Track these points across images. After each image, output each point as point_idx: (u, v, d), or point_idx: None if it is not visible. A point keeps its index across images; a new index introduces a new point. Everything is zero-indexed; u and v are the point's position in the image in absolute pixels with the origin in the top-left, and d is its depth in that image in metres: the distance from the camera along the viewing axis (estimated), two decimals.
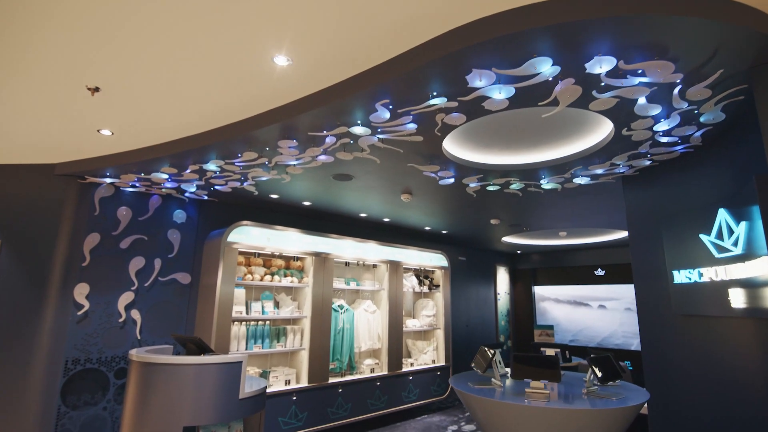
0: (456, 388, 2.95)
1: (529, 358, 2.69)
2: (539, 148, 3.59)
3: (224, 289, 4.51)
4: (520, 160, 3.72)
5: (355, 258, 5.84)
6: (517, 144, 3.56)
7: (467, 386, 2.95)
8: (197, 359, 2.77)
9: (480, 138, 3.44)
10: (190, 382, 2.71)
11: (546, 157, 3.63)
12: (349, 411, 5.37)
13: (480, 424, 2.89)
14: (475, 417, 2.91)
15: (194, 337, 2.99)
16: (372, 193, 4.65)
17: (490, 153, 3.69)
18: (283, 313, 5.12)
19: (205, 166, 3.68)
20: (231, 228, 4.64)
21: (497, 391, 2.82)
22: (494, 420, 2.60)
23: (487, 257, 9.19)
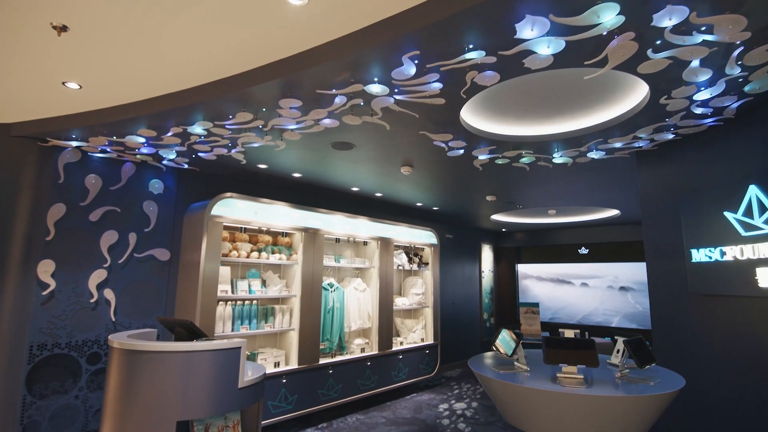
0: (479, 374, 2.76)
1: (563, 342, 2.52)
2: (558, 118, 3.36)
3: (208, 266, 4.13)
4: (537, 131, 3.48)
5: (345, 234, 5.55)
6: (535, 114, 3.32)
7: (491, 370, 2.76)
8: (190, 346, 2.44)
9: (496, 107, 3.18)
10: (183, 372, 2.39)
11: (564, 129, 3.41)
12: (340, 392, 5.18)
13: (504, 411, 2.73)
14: (499, 403, 2.73)
15: (184, 320, 2.65)
16: (370, 165, 4.33)
17: (505, 123, 3.43)
18: (270, 292, 4.80)
19: (189, 128, 3.25)
20: (215, 200, 4.24)
21: (524, 376, 2.65)
22: (524, 407, 2.42)
23: (472, 235, 9.08)
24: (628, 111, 3.02)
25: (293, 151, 3.88)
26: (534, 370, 2.80)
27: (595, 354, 2.40)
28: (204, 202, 4.32)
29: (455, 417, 5.26)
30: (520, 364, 2.83)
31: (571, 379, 2.46)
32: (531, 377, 2.63)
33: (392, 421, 5.09)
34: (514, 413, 2.57)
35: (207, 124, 3.15)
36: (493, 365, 2.98)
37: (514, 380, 2.53)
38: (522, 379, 2.55)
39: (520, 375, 2.69)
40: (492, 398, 2.82)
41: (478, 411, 5.51)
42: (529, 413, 2.41)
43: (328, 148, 3.80)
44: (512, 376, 2.66)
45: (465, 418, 5.25)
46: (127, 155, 3.97)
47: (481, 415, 5.34)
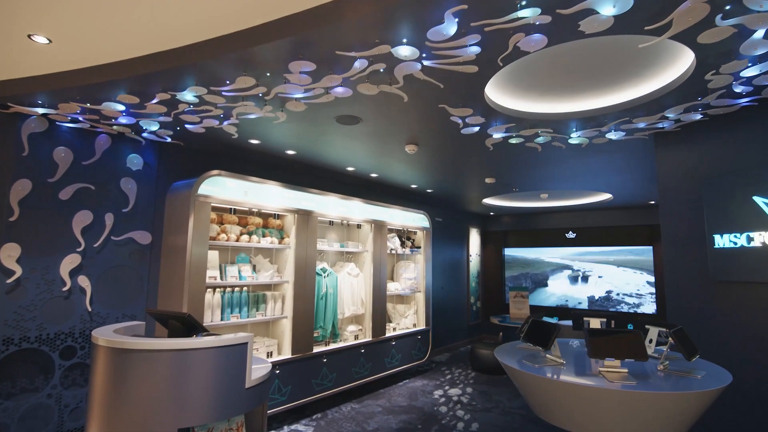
0: (511, 367, 2.57)
1: (608, 333, 2.35)
2: (583, 95, 3.15)
3: (196, 250, 3.77)
4: (559, 108, 3.27)
5: (339, 217, 5.25)
6: (558, 91, 3.10)
7: (523, 364, 2.58)
8: (191, 342, 2.13)
9: (518, 82, 2.94)
10: (183, 373, 2.09)
11: (589, 106, 3.21)
12: (334, 381, 4.97)
13: (535, 405, 2.56)
14: (530, 397, 2.55)
15: (181, 313, 2.34)
16: (373, 142, 4.03)
17: (526, 100, 3.20)
18: (262, 278, 4.48)
19: (178, 95, 2.86)
20: (203, 178, 3.85)
21: (560, 370, 2.48)
22: (563, 403, 2.25)
23: (461, 219, 8.94)
24: (662, 87, 2.84)
25: (291, 124, 3.53)
26: (568, 363, 2.63)
27: (644, 347, 2.26)
28: (190, 180, 3.92)
29: (452, 404, 5.15)
30: (553, 357, 2.66)
31: (615, 373, 2.31)
32: (568, 371, 2.46)
33: (389, 409, 4.93)
34: (548, 408, 2.40)
35: (199, 90, 2.77)
36: (524, 357, 2.79)
37: (553, 375, 2.35)
38: (560, 373, 2.38)
39: (556, 368, 2.52)
40: (522, 392, 2.66)
41: (474, 397, 5.42)
42: (569, 409, 2.25)
43: (332, 123, 3.47)
44: (548, 370, 2.48)
45: (462, 404, 5.14)
46: (102, 126, 3.52)
47: (478, 401, 5.25)
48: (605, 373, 2.31)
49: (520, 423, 4.59)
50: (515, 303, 7.61)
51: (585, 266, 8.48)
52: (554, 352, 2.61)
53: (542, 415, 2.55)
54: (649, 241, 7.80)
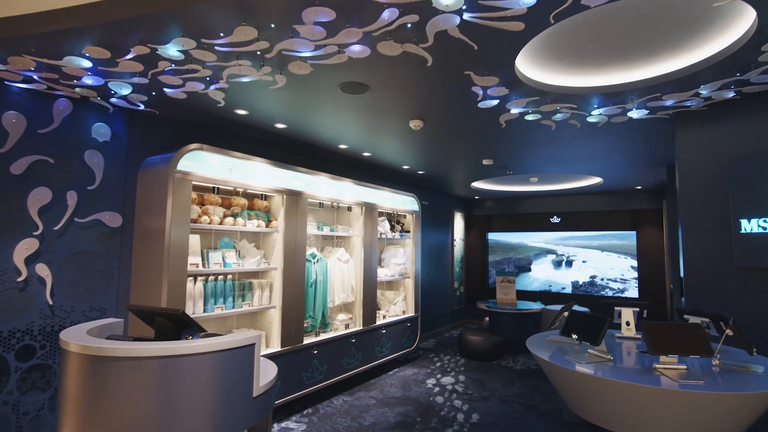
0: (552, 363, 2.33)
1: (669, 327, 2.14)
2: (613, 68, 2.91)
3: (176, 234, 3.33)
4: (584, 82, 3.01)
5: (329, 198, 4.88)
6: (588, 63, 2.84)
7: (568, 360, 2.34)
8: (187, 347, 1.76)
9: (547, 52, 2.65)
10: (178, 384, 1.72)
11: (617, 80, 2.97)
12: (325, 373, 4.66)
13: (577, 404, 2.34)
14: (571, 393, 2.33)
15: (171, 310, 1.94)
16: (374, 116, 3.67)
17: (552, 71, 2.92)
18: (248, 265, 4.08)
19: (160, 49, 2.40)
20: (182, 152, 3.38)
21: (608, 367, 2.26)
22: (613, 403, 2.04)
23: (446, 202, 8.72)
24: (705, 60, 2.62)
25: (288, 92, 3.11)
26: (614, 358, 2.40)
27: (708, 342, 2.07)
28: (167, 155, 3.44)
29: (447, 393, 4.97)
30: (598, 352, 2.44)
31: (673, 370, 2.12)
32: (619, 368, 2.24)
33: (383, 401, 4.69)
34: (592, 407, 2.19)
35: (187, 43, 2.31)
36: (559, 351, 2.56)
37: (602, 373, 2.13)
38: (611, 372, 2.16)
39: (604, 365, 2.30)
40: (560, 387, 2.44)
41: (469, 385, 5.26)
42: (620, 409, 2.04)
43: (334, 92, 3.08)
44: (598, 368, 2.25)
45: (458, 393, 4.97)
46: (62, 88, 2.98)
47: (473, 390, 5.09)
48: (663, 371, 2.12)
49: (520, 412, 4.45)
50: (502, 288, 7.50)
51: (569, 251, 8.48)
52: (600, 346, 2.40)
53: (581, 413, 2.35)
54: (633, 226, 7.85)
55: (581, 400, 2.28)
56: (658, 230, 7.56)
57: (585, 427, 4.12)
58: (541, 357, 2.42)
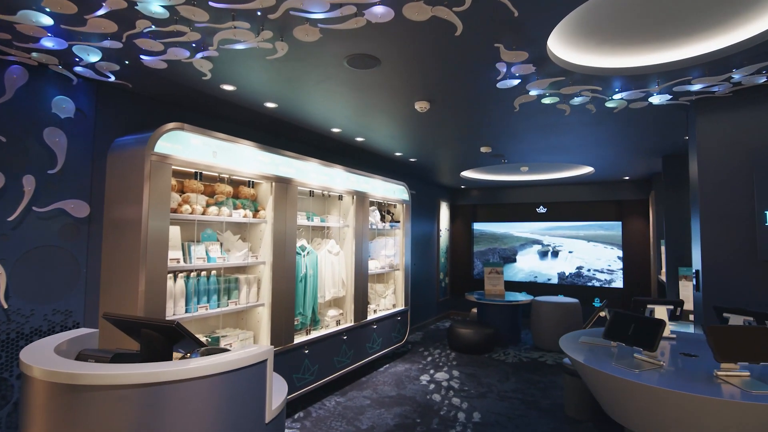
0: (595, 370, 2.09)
1: (738, 331, 1.93)
2: (641, 48, 2.69)
3: (155, 225, 2.92)
4: (612, 63, 2.79)
5: (320, 187, 4.53)
6: (618, 41, 2.61)
7: (617, 368, 2.11)
8: (186, 369, 1.42)
9: (579, 29, 2.40)
10: (176, 417, 1.38)
11: (646, 62, 2.76)
12: (316, 374, 4.36)
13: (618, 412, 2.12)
14: (618, 403, 2.10)
15: (161, 321, 1.59)
16: (378, 97, 3.34)
17: (581, 51, 2.68)
18: (234, 259, 3.70)
19: (140, 4, 1.98)
20: (160, 132, 2.96)
21: (661, 374, 2.05)
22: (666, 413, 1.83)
23: (432, 191, 8.48)
24: (742, 42, 2.44)
25: (286, 64, 2.74)
26: (672, 364, 2.18)
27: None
28: (142, 135, 3.01)
29: (444, 390, 4.77)
30: (648, 358, 2.23)
31: (736, 377, 1.93)
32: (674, 376, 2.03)
33: (378, 401, 4.43)
34: (638, 416, 1.98)
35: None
36: (605, 356, 2.33)
37: (656, 381, 1.92)
38: (666, 379, 1.95)
39: (655, 372, 2.09)
40: (600, 394, 2.23)
41: (464, 381, 5.09)
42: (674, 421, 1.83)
43: (339, 66, 2.73)
44: (651, 376, 2.04)
45: (454, 390, 4.78)
46: (15, 52, 2.50)
47: (470, 386, 4.91)
48: (726, 378, 1.94)
49: (520, 408, 4.30)
50: (490, 279, 7.37)
51: (555, 241, 8.44)
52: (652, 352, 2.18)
53: (623, 420, 2.15)
54: (619, 216, 7.86)
55: (625, 407, 2.08)
56: (644, 221, 7.60)
57: (589, 423, 4.00)
58: (587, 363, 2.18)
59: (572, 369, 4.13)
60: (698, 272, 3.31)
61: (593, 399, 4.06)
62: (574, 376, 4.17)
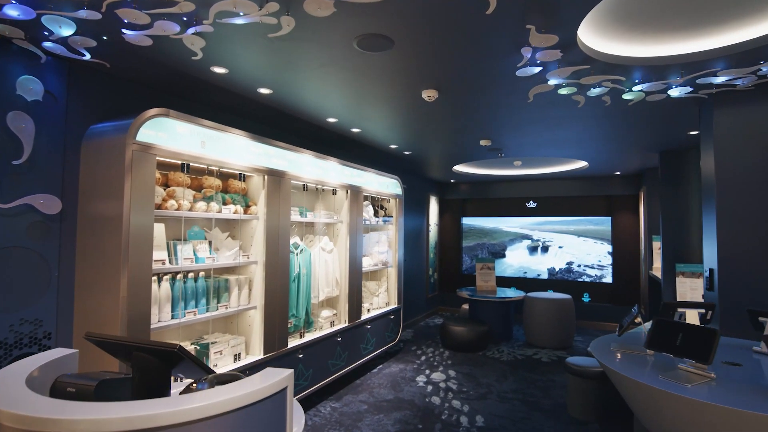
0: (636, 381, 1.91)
1: None
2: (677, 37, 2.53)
3: (138, 222, 2.61)
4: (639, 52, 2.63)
5: (314, 180, 4.25)
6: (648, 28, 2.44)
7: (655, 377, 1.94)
8: (193, 409, 1.16)
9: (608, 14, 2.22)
10: None
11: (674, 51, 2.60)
12: (310, 379, 4.12)
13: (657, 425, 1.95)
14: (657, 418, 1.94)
15: (158, 345, 1.33)
16: (384, 83, 3.09)
17: (607, 38, 2.50)
18: (224, 259, 3.41)
19: None
20: (143, 119, 2.64)
21: (712, 386, 1.89)
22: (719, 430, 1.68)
23: (422, 185, 8.29)
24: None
25: (288, 45, 2.46)
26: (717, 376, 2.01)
27: None
28: (122, 122, 2.68)
29: (442, 392, 4.60)
30: (697, 370, 2.07)
31: None
32: (731, 390, 1.87)
33: (375, 406, 4.23)
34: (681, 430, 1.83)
35: None
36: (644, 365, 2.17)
37: (713, 398, 1.76)
38: (717, 394, 1.80)
39: (705, 386, 1.93)
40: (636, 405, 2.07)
41: (461, 381, 4.94)
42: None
43: (348, 48, 2.47)
44: (703, 390, 1.88)
45: (453, 392, 4.62)
46: None
47: (468, 387, 4.77)
48: None
49: (523, 410, 4.18)
50: (482, 275, 7.25)
51: (545, 236, 8.39)
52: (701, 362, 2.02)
53: None
54: (609, 211, 7.85)
55: (673, 422, 1.92)
56: (634, 216, 7.61)
57: (594, 424, 3.91)
58: (631, 377, 1.99)
59: (576, 369, 4.03)
60: (712, 271, 3.22)
61: (598, 400, 3.97)
62: (577, 376, 4.07)
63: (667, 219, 5.21)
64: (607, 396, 4.03)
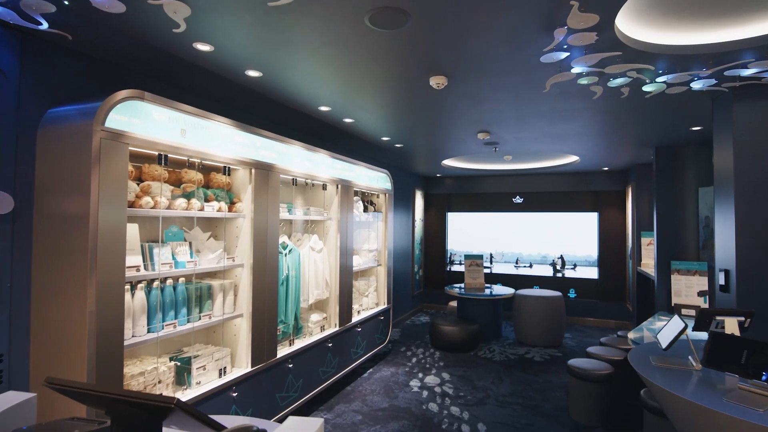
0: (697, 404, 1.71)
1: None
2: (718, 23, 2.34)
3: (108, 223, 2.24)
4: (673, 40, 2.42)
5: (304, 174, 3.91)
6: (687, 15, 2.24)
7: (718, 400, 1.72)
8: None
9: None
10: None
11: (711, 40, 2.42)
12: (301, 389, 3.81)
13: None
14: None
15: (147, 398, 1.01)
16: (387, 67, 2.79)
17: (641, 24, 2.28)
18: (206, 263, 3.04)
19: None
20: (113, 102, 2.25)
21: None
22: None
23: (408, 180, 8.03)
24: None
25: (288, 18, 2.12)
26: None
27: None
28: (88, 105, 2.27)
29: (439, 398, 4.38)
30: (757, 388, 1.88)
31: None
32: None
33: (371, 416, 3.96)
34: None
35: None
36: (693, 382, 1.96)
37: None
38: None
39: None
40: (687, 426, 1.86)
41: (457, 385, 4.73)
42: None
43: (358, 22, 2.15)
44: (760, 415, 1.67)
45: (450, 397, 4.41)
46: None
47: (465, 391, 4.57)
48: None
49: (525, 415, 4.00)
50: (470, 272, 7.07)
51: (532, 232, 8.29)
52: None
53: None
54: (595, 207, 7.82)
55: None
56: (621, 212, 7.60)
57: (599, 429, 3.78)
58: (687, 399, 1.77)
59: (579, 372, 3.88)
60: (727, 272, 3.10)
61: (602, 404, 3.84)
62: (580, 379, 3.92)
63: (662, 215, 5.14)
64: (611, 399, 3.91)
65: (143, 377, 2.56)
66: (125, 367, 2.52)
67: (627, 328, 7.31)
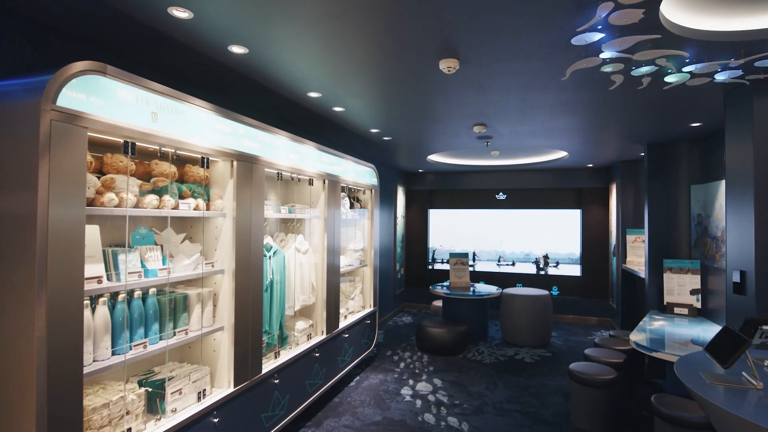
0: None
1: None
2: None
3: (62, 224, 1.81)
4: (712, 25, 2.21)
5: (290, 168, 3.53)
6: None
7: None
8: None
9: None
10: None
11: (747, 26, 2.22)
12: (287, 406, 3.45)
13: None
14: None
15: None
16: (395, 44, 2.46)
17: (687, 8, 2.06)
18: (182, 270, 2.62)
19: None
20: (67, 74, 1.81)
21: None
22: None
23: (390, 175, 7.72)
24: None
25: None
26: None
27: None
28: (35, 78, 1.83)
29: (434, 407, 4.11)
30: None
31: None
32: None
33: (363, 431, 3.64)
34: None
35: None
36: (756, 403, 1.74)
37: None
38: None
39: None
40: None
41: (451, 392, 4.48)
42: None
43: None
44: None
45: (445, 406, 4.15)
46: None
47: (460, 399, 4.32)
48: None
49: (525, 423, 3.80)
50: (455, 271, 6.86)
51: (515, 229, 8.18)
52: None
53: None
54: (578, 204, 7.77)
55: None
56: (604, 209, 7.58)
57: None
58: (759, 424, 1.56)
59: (581, 377, 3.71)
60: (744, 273, 2.97)
61: (605, 409, 3.68)
62: (582, 384, 3.75)
63: (654, 213, 5.07)
64: (614, 404, 3.76)
65: (107, 409, 2.13)
66: (85, 398, 2.09)
67: (610, 325, 7.31)
